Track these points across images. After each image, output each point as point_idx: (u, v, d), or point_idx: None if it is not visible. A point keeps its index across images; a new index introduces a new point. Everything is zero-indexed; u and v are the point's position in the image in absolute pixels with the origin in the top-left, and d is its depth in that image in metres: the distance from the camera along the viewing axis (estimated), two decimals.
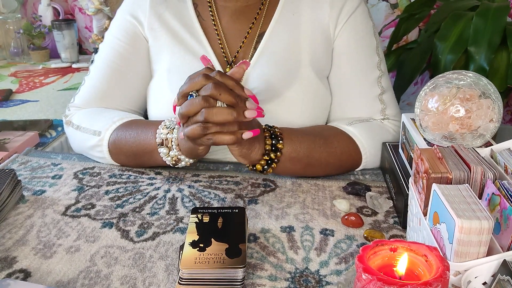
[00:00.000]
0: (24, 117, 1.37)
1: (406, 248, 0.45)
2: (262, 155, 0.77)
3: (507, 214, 0.50)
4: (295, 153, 0.78)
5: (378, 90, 0.90)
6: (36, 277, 0.59)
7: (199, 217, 0.64)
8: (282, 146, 0.77)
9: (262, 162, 0.77)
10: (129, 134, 0.83)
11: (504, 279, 0.44)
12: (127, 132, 0.83)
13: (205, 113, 0.66)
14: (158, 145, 0.78)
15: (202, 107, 0.66)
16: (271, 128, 0.79)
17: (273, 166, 0.78)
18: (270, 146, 0.77)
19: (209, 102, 0.67)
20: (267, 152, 0.77)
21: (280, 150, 0.77)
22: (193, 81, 0.68)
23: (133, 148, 0.82)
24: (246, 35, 0.90)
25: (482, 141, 0.66)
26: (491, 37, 1.38)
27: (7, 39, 2.12)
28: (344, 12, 0.89)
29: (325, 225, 0.70)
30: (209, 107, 0.66)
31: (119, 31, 0.93)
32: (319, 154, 0.80)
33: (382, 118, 0.90)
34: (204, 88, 0.67)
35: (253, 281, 0.58)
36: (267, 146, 0.77)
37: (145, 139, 0.80)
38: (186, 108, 0.68)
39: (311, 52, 0.89)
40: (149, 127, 0.81)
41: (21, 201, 0.77)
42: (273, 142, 0.77)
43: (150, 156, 0.81)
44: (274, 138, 0.77)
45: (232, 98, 0.67)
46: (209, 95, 0.66)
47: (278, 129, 0.79)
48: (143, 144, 0.81)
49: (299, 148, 0.79)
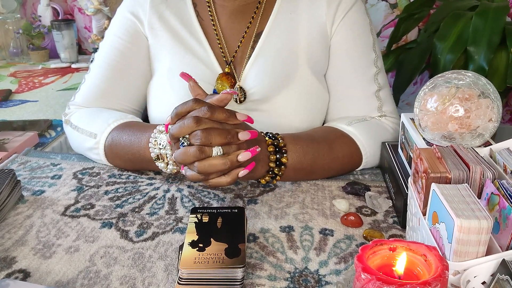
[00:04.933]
0: (23, 117, 1.37)
1: (405, 248, 0.45)
2: (267, 172, 0.77)
3: (506, 213, 0.50)
4: (300, 164, 0.78)
5: (375, 87, 0.90)
6: (35, 277, 0.59)
7: (199, 217, 0.64)
8: (286, 160, 0.76)
9: (267, 178, 0.78)
10: (123, 140, 0.82)
11: (503, 279, 0.44)
12: (122, 138, 0.82)
13: (198, 167, 0.65)
14: (155, 159, 0.78)
15: (197, 159, 0.65)
16: (275, 140, 0.77)
17: (277, 178, 0.78)
18: (274, 162, 0.76)
19: (204, 153, 0.64)
20: (271, 169, 0.76)
21: (284, 164, 0.77)
22: (182, 125, 0.65)
23: (129, 155, 0.82)
24: (244, 35, 0.91)
25: (481, 140, 0.66)
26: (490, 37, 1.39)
27: (6, 39, 2.12)
28: (341, 9, 0.89)
29: (324, 225, 0.70)
30: (203, 158, 0.65)
31: (120, 29, 0.93)
32: (322, 161, 0.80)
33: (379, 115, 0.91)
34: (194, 135, 0.65)
35: (252, 281, 0.58)
36: (271, 163, 0.76)
37: (139, 150, 0.79)
38: (180, 157, 0.66)
39: (309, 51, 0.90)
40: (141, 136, 0.80)
41: (21, 201, 0.77)
42: (277, 157, 0.76)
43: (148, 164, 0.80)
44: (278, 151, 0.76)
45: (224, 140, 0.65)
46: (200, 145, 0.65)
47: (282, 139, 0.78)
48: (139, 155, 0.80)
49: (304, 159, 0.78)
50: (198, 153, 0.64)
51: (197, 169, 0.65)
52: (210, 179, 0.67)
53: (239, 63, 0.91)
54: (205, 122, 0.65)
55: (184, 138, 0.66)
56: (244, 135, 0.67)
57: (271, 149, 0.76)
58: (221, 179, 0.67)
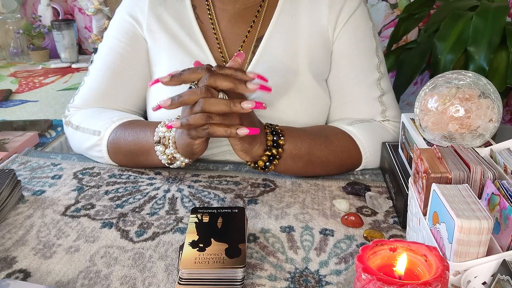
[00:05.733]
0: (23, 117, 1.37)
1: (405, 248, 0.45)
2: (264, 150, 0.76)
3: (506, 214, 0.50)
4: (297, 150, 0.78)
5: (377, 92, 0.90)
6: (35, 277, 0.59)
7: (199, 217, 0.64)
8: (283, 142, 0.77)
9: (264, 158, 0.76)
10: (128, 133, 0.83)
11: (503, 279, 0.44)
12: (126, 132, 0.83)
13: (202, 102, 0.67)
14: (155, 143, 0.78)
15: (202, 96, 0.67)
16: (272, 126, 0.79)
17: (274, 162, 0.77)
18: (272, 142, 0.77)
19: (210, 92, 0.67)
20: (268, 147, 0.76)
21: (281, 146, 0.77)
22: (195, 70, 0.70)
23: (131, 146, 0.82)
24: (245, 39, 0.90)
25: (481, 141, 0.66)
26: (490, 37, 1.38)
27: (6, 39, 2.12)
28: (344, 13, 0.88)
29: (324, 225, 0.70)
30: (208, 97, 0.67)
31: (118, 32, 0.93)
32: (320, 152, 0.80)
33: (383, 119, 0.90)
34: (201, 79, 0.69)
35: (252, 281, 0.58)
36: (268, 142, 0.76)
37: (143, 137, 0.80)
38: (187, 96, 0.68)
39: (310, 56, 0.89)
40: (148, 126, 0.82)
41: (21, 201, 0.77)
42: (274, 138, 0.77)
43: (147, 155, 0.81)
44: (275, 134, 0.77)
45: (229, 82, 0.68)
46: (206, 85, 0.68)
47: (279, 126, 0.79)
48: (141, 143, 0.81)
49: (300, 144, 0.78)
50: (204, 91, 0.67)
51: (201, 105, 0.67)
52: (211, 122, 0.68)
53: None
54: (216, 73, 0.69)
55: (193, 83, 0.71)
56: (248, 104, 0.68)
57: (267, 131, 0.77)
58: (219, 127, 0.68)
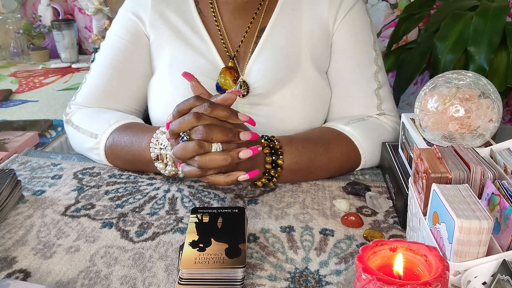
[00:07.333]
0: (23, 117, 1.37)
1: (405, 248, 0.45)
2: (263, 173, 0.77)
3: (506, 214, 0.50)
4: (296, 166, 0.79)
5: (375, 84, 0.91)
6: (36, 277, 0.59)
7: (199, 217, 0.64)
8: (282, 162, 0.77)
9: (263, 180, 0.78)
10: (124, 141, 0.82)
11: (503, 279, 0.44)
12: (123, 139, 0.82)
13: (198, 161, 0.64)
14: (154, 160, 0.78)
15: (196, 153, 0.64)
16: (270, 142, 0.78)
17: (274, 180, 0.79)
18: (270, 164, 0.76)
19: (203, 148, 0.64)
20: (267, 171, 0.77)
21: (280, 166, 0.77)
22: (182, 121, 0.65)
23: (129, 156, 0.82)
24: (247, 30, 0.91)
25: (481, 141, 0.66)
26: (490, 37, 1.38)
27: (6, 39, 2.12)
28: (343, 7, 0.91)
29: (324, 225, 0.70)
30: (203, 153, 0.64)
31: (121, 29, 0.94)
32: (319, 162, 0.80)
33: (378, 113, 0.91)
34: (195, 130, 0.64)
35: (253, 281, 0.58)
36: (267, 165, 0.76)
37: (140, 150, 0.80)
38: (179, 152, 0.65)
39: (311, 47, 0.90)
40: (143, 136, 0.80)
41: (21, 201, 0.77)
42: (273, 159, 0.76)
43: (147, 165, 0.81)
44: (274, 153, 0.77)
45: (225, 137, 0.64)
46: (201, 140, 0.64)
47: (277, 141, 0.78)
48: (139, 155, 0.80)
49: (300, 160, 0.78)
50: (197, 148, 0.63)
51: (198, 164, 0.64)
52: (208, 175, 0.66)
53: (242, 58, 0.91)
54: (206, 119, 0.65)
55: (184, 133, 0.65)
56: (246, 136, 0.66)
57: (266, 151, 0.76)
58: (219, 177, 0.67)
